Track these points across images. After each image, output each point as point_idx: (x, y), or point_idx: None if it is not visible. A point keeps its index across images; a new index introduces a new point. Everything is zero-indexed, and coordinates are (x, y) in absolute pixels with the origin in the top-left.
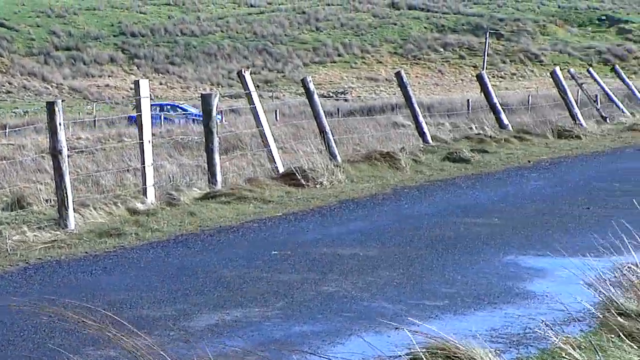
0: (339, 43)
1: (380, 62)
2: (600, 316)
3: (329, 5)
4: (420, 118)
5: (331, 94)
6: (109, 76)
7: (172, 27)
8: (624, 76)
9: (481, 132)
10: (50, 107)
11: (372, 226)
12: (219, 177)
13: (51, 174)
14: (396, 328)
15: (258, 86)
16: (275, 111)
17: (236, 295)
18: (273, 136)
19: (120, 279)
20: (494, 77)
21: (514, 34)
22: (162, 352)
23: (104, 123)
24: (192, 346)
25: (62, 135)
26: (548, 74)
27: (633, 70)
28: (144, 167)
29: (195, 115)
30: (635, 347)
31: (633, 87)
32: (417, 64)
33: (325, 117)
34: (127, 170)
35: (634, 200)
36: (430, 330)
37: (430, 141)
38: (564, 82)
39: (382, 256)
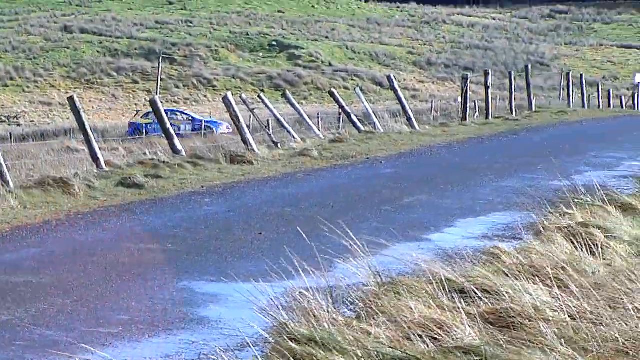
0: (11, 67)
1: (54, 86)
2: (273, 341)
3: (0, 28)
4: (94, 143)
5: (3, 119)
6: None
7: None
8: (294, 102)
9: (155, 157)
10: None
11: (46, 253)
12: None
13: None
14: (69, 357)
15: None
16: None
17: None
18: None
19: None
20: (167, 101)
21: (187, 59)
22: None
23: None
24: None
25: None
26: (220, 99)
27: (303, 95)
28: None
29: (199, 121)
30: None
31: (303, 113)
32: (90, 88)
33: None
34: None
35: (298, 228)
36: (104, 357)
37: (105, 166)
38: (236, 108)
39: (55, 283)
